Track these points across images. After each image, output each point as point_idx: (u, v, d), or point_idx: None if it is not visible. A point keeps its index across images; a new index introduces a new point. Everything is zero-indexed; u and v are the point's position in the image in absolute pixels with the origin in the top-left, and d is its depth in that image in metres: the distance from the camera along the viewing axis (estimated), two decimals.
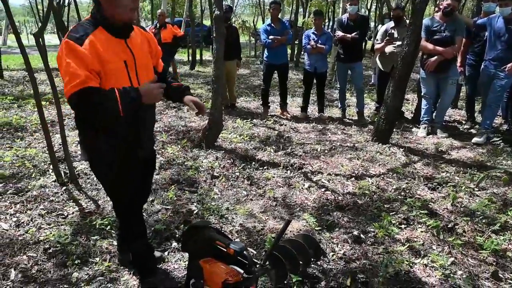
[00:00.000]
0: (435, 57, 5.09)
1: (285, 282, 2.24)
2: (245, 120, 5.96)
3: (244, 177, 3.84)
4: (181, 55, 15.06)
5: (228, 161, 4.23)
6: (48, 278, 2.37)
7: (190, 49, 12.99)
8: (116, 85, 1.80)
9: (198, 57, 13.04)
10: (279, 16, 6.40)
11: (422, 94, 5.53)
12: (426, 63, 5.20)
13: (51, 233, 2.81)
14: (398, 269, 2.46)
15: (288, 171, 4.02)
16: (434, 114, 5.60)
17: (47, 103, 6.50)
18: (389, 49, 5.76)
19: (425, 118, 5.46)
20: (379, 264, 2.51)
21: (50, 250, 2.61)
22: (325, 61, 6.26)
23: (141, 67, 1.95)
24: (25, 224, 2.95)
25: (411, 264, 2.53)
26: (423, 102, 5.51)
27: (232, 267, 1.84)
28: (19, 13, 41.91)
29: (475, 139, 4.99)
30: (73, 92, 1.71)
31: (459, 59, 5.64)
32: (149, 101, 1.87)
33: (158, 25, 7.60)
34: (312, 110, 6.70)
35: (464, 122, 6.05)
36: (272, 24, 6.11)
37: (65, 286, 2.31)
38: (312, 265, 2.46)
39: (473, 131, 5.57)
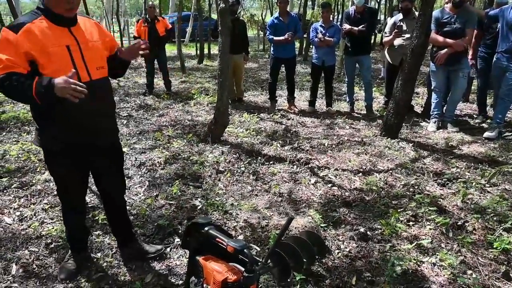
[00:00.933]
0: (445, 49, 4.97)
1: (289, 280, 2.20)
2: (252, 115, 5.91)
3: (250, 172, 3.80)
4: (189, 49, 15.02)
5: (234, 156, 4.19)
6: (49, 273, 2.37)
7: (198, 43, 12.94)
8: (60, 67, 1.87)
9: (206, 51, 12.98)
10: (288, 9, 6.30)
11: (432, 87, 5.41)
12: (436, 56, 5.08)
13: (53, 228, 2.80)
14: (405, 268, 2.40)
15: (295, 166, 3.96)
16: (444, 108, 5.48)
17: None
18: (397, 41, 5.64)
19: (435, 112, 5.34)
20: (385, 263, 2.45)
21: (52, 245, 2.62)
22: (333, 55, 6.16)
23: (88, 52, 2.00)
24: (28, 219, 2.96)
25: (418, 263, 2.47)
26: (433, 95, 5.39)
27: (233, 265, 1.79)
28: (30, 8, 42.23)
29: (486, 134, 4.87)
30: None
31: (470, 52, 5.50)
32: (59, 94, 1.82)
33: (149, 19, 7.15)
34: (320, 104, 6.62)
35: (475, 116, 5.91)
36: (281, 18, 6.01)
37: (65, 282, 2.30)
38: (317, 263, 2.41)
39: (484, 125, 5.44)
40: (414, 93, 5.75)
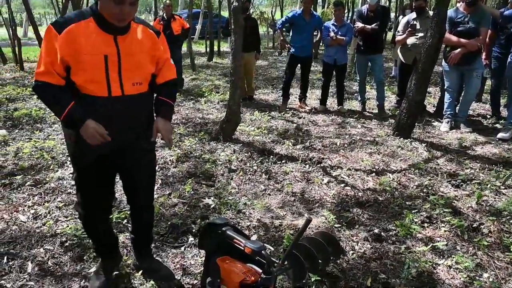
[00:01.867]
0: (459, 49, 4.91)
1: (304, 281, 2.20)
2: (263, 113, 5.90)
3: (262, 171, 3.80)
4: (199, 47, 15.05)
5: (246, 154, 4.19)
6: (64, 271, 2.38)
7: (208, 41, 12.95)
8: (92, 77, 1.79)
9: (216, 48, 12.99)
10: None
11: (445, 87, 5.36)
12: (450, 56, 5.02)
13: (68, 226, 2.81)
14: (421, 270, 2.38)
15: (307, 166, 3.95)
16: (457, 108, 5.42)
17: None
18: (411, 40, 5.59)
19: (448, 112, 5.29)
20: (400, 264, 2.44)
21: (67, 243, 2.62)
22: (345, 53, 6.13)
23: (127, 66, 1.85)
24: (43, 217, 2.97)
25: (434, 265, 2.45)
26: (446, 95, 5.34)
27: (250, 266, 1.80)
28: (39, 6, 42.61)
29: (500, 135, 4.81)
30: (35, 80, 1.83)
31: (484, 52, 5.43)
32: (83, 134, 1.82)
33: (165, 17, 7.19)
34: (331, 102, 6.59)
35: (488, 116, 5.84)
36: (303, 16, 5.97)
37: (81, 280, 2.31)
38: (332, 264, 2.41)
39: (498, 126, 5.38)
40: (427, 92, 5.69)
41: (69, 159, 3.78)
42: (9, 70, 9.40)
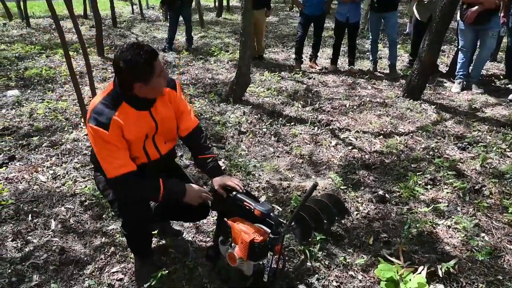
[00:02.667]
0: (476, 7, 4.77)
1: (309, 239, 2.35)
2: (273, 73, 5.90)
3: (271, 133, 3.89)
4: (207, 1, 14.67)
5: (256, 116, 4.26)
6: (85, 229, 2.56)
7: None
8: (133, 154, 1.84)
9: (224, 2, 12.66)
10: None
11: (460, 47, 5.26)
12: (466, 14, 4.89)
13: (86, 187, 2.97)
14: (421, 230, 2.51)
15: (316, 128, 4.02)
16: (470, 67, 5.34)
17: (75, 53, 6.59)
18: None
19: (460, 73, 5.23)
20: (402, 224, 2.57)
21: (86, 203, 2.79)
22: (358, 10, 5.97)
23: (161, 134, 1.93)
24: (61, 177, 3.13)
25: (434, 225, 2.58)
26: (460, 55, 5.25)
27: (259, 226, 1.93)
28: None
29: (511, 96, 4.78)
30: (114, 177, 1.76)
31: (502, 9, 5.26)
32: (189, 201, 1.89)
33: None
34: (342, 62, 6.52)
35: (502, 77, 5.75)
36: None
37: (102, 237, 2.49)
38: (336, 224, 2.55)
39: (510, 86, 5.32)
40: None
41: (82, 120, 3.92)
42: (16, 27, 9.33)
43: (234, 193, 1.98)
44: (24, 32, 8.80)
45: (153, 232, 2.35)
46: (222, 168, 3.17)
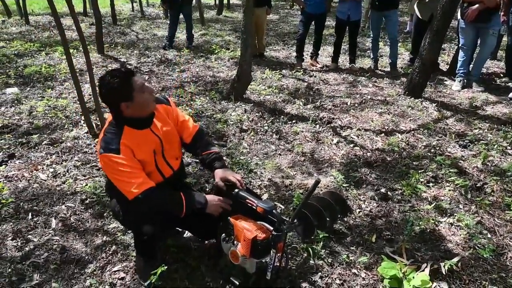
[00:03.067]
0: (476, 5, 4.76)
1: (312, 237, 2.34)
2: (274, 71, 5.88)
3: (273, 131, 3.88)
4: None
5: (257, 114, 4.25)
6: (86, 227, 2.54)
7: None
8: (148, 172, 1.91)
9: (225, 0, 12.64)
10: None
11: (460, 45, 5.25)
12: (466, 12, 4.88)
13: (86, 185, 2.95)
14: (423, 227, 2.51)
15: (317, 126, 4.01)
16: (471, 66, 5.34)
17: (74, 50, 6.56)
18: None
19: (461, 71, 5.22)
20: (404, 222, 2.57)
21: (87, 201, 2.77)
22: (359, 9, 5.96)
23: (168, 149, 2.01)
24: (62, 175, 3.11)
25: (436, 223, 2.57)
26: (460, 53, 5.24)
27: (261, 224, 1.93)
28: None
29: None
30: (135, 196, 1.80)
31: (502, 8, 5.25)
32: (211, 211, 1.95)
33: None
34: (343, 60, 6.51)
35: (502, 75, 5.75)
36: None
37: (103, 236, 2.47)
38: (339, 222, 2.54)
39: (511, 85, 5.31)
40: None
41: (83, 118, 3.89)
42: (15, 24, 9.28)
43: (236, 190, 1.98)
44: (23, 29, 8.77)
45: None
46: None
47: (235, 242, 1.94)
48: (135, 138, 1.87)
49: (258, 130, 3.89)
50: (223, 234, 2.02)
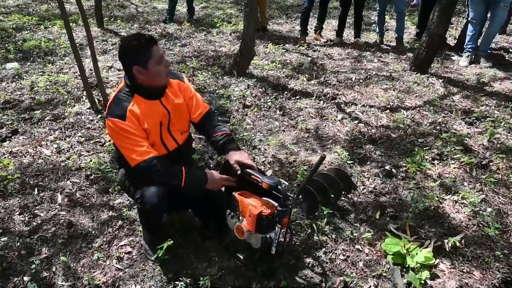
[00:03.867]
0: None
1: (316, 213, 2.35)
2: (277, 46, 5.77)
3: (276, 107, 3.84)
4: None
5: (260, 89, 4.20)
6: (92, 202, 2.56)
7: None
8: (152, 142, 1.93)
9: None
10: None
11: (469, 19, 5.12)
12: None
13: (91, 161, 2.95)
14: (428, 205, 2.51)
15: (321, 102, 3.97)
16: (479, 40, 5.22)
17: (73, 24, 6.43)
18: None
19: (469, 46, 5.12)
20: (408, 199, 2.57)
21: (92, 177, 2.77)
22: None
23: (175, 122, 2.01)
24: (66, 151, 3.10)
25: (440, 200, 2.58)
26: (469, 27, 5.12)
27: (266, 200, 1.93)
28: None
29: None
30: (137, 163, 1.83)
31: None
32: (211, 188, 1.96)
33: None
34: (348, 34, 6.38)
35: (511, 50, 5.64)
36: None
37: (109, 211, 2.49)
38: (343, 198, 2.55)
39: None
40: None
41: (84, 93, 3.85)
42: None
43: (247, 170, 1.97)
44: (21, 2, 8.59)
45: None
46: None
47: (240, 217, 1.95)
48: (143, 107, 1.88)
49: (262, 106, 3.85)
50: (228, 210, 2.02)
